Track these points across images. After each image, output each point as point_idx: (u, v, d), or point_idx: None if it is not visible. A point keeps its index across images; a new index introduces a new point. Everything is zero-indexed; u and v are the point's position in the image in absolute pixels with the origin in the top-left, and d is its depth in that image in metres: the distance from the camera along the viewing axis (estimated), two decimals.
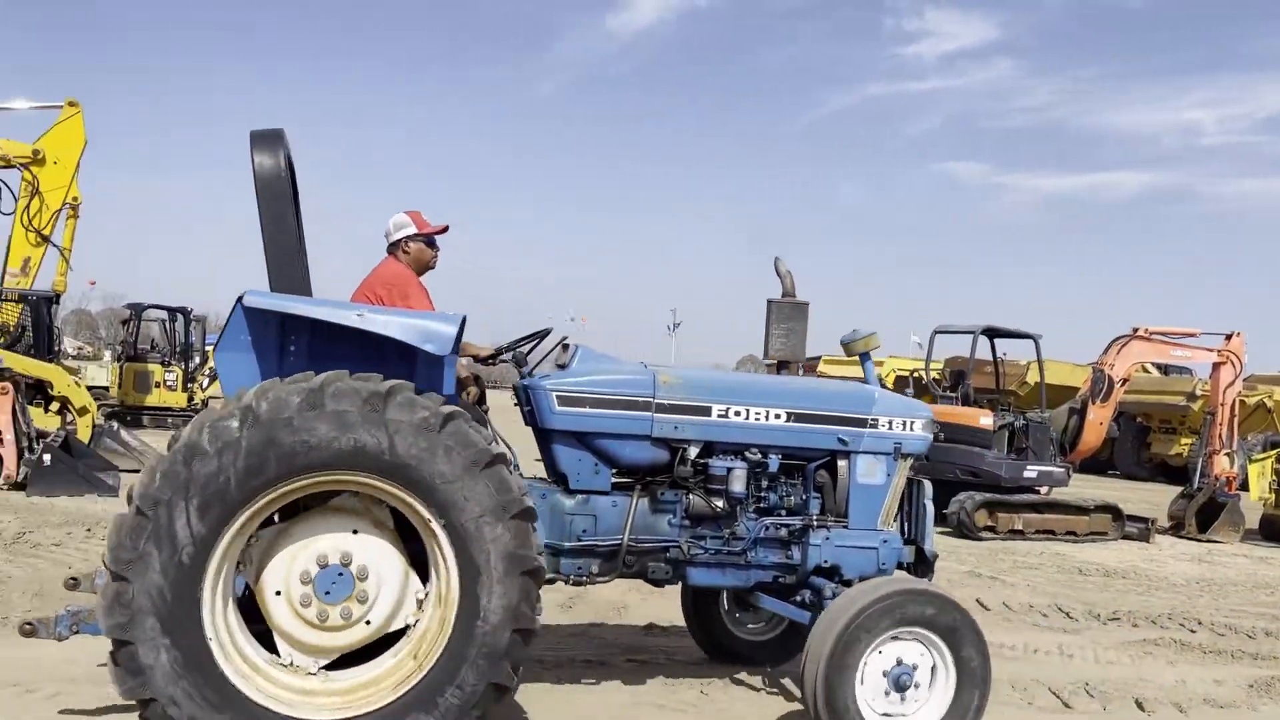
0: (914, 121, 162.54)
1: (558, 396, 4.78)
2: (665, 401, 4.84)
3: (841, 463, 5.03)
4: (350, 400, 3.73)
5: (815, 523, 4.95)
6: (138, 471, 12.50)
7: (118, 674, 3.57)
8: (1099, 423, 13.23)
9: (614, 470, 4.93)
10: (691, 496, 4.87)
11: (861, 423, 4.99)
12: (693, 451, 4.87)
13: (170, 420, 19.25)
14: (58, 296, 13.88)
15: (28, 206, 13.29)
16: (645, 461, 4.90)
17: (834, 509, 5.05)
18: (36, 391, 12.49)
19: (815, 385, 5.53)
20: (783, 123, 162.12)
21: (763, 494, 5.00)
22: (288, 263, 4.21)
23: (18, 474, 10.61)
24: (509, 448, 4.84)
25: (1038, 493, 12.54)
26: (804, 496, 5.06)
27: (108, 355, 38.67)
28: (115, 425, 13.75)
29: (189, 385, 19.82)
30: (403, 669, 3.91)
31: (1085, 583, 9.47)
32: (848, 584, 4.78)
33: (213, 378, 21.04)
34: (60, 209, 13.71)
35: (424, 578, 4.01)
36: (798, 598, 4.93)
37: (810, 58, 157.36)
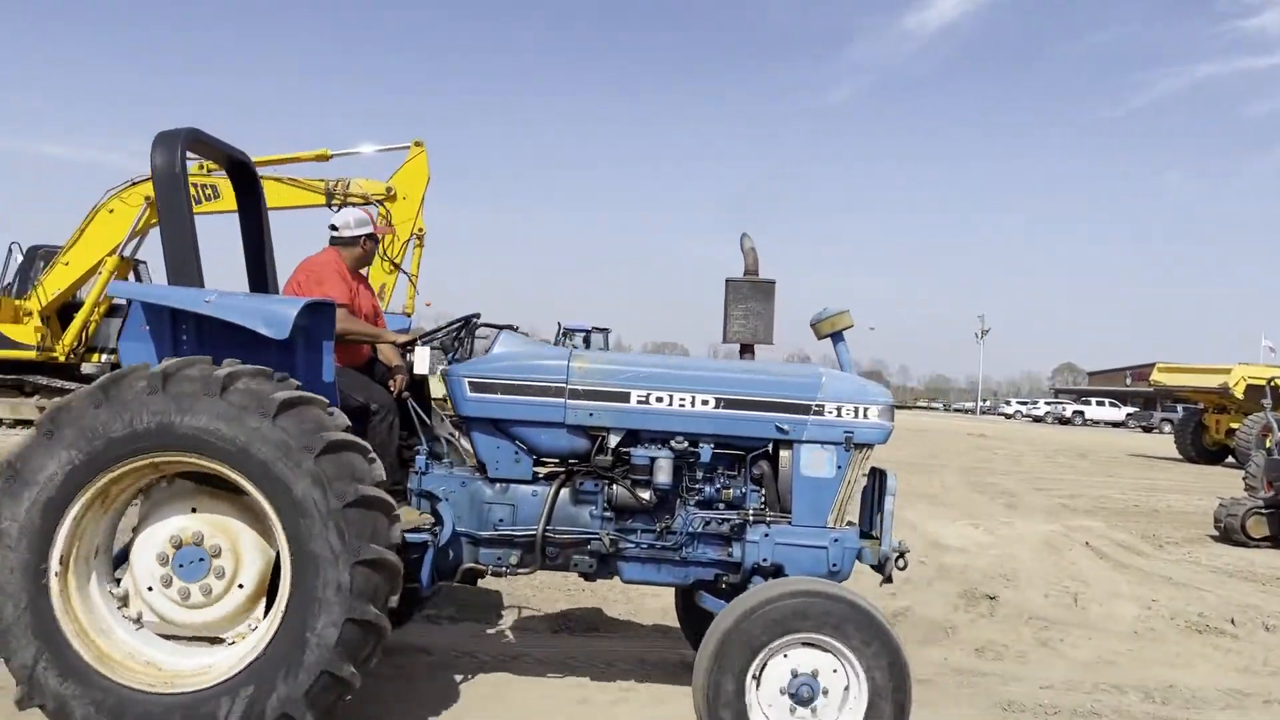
0: (1254, 102, 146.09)
1: (470, 383, 4.69)
2: (579, 387, 4.64)
3: (784, 453, 4.63)
4: (193, 385, 3.85)
5: (752, 518, 4.59)
6: None
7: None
8: None
9: (535, 459, 4.75)
10: (615, 487, 4.65)
11: (804, 409, 4.58)
12: (613, 440, 4.65)
13: None
14: (410, 319, 15.34)
15: (382, 239, 14.76)
16: (562, 449, 4.73)
17: (777, 504, 4.66)
18: None
19: (752, 369, 4.96)
20: (1101, 109, 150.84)
21: (697, 486, 4.68)
22: (182, 256, 4.33)
23: None
24: (449, 438, 4.86)
25: None
26: (743, 490, 4.68)
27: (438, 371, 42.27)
28: None
29: None
30: (246, 646, 3.99)
31: None
32: None
33: None
34: (409, 239, 15.14)
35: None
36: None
37: (1131, 40, 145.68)
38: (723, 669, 3.98)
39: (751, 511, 4.62)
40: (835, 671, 4.00)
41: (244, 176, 5.41)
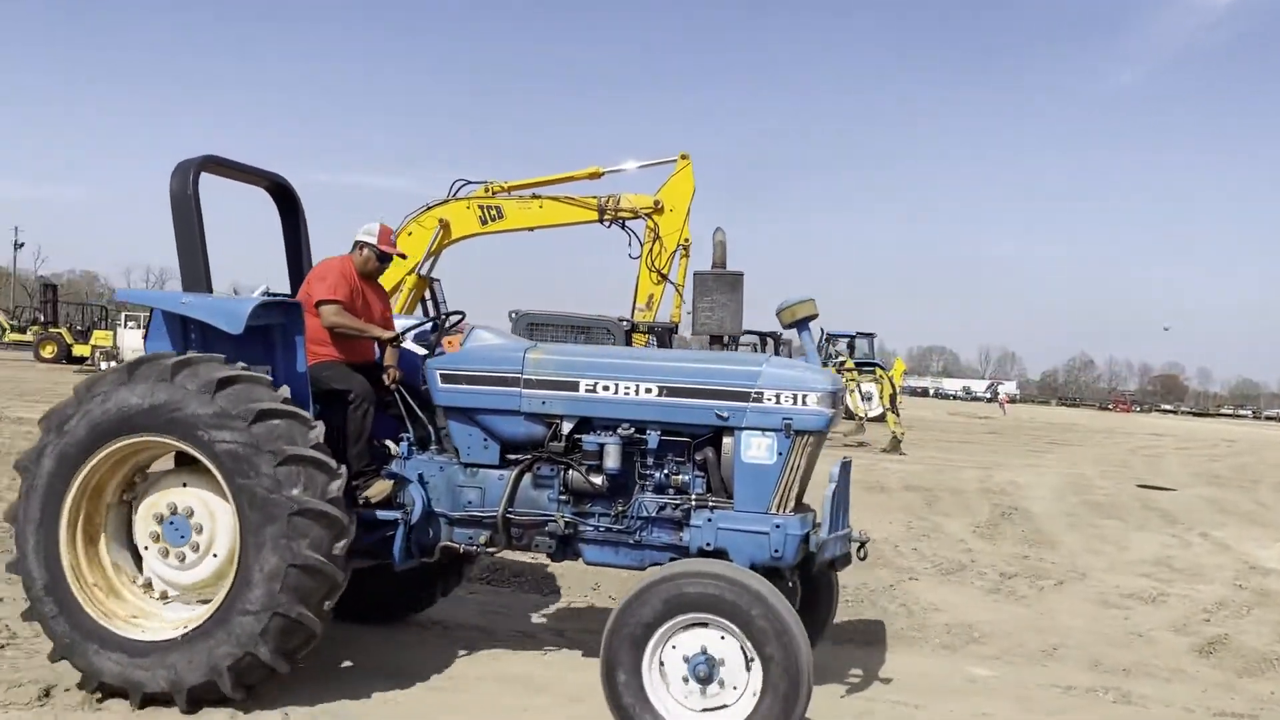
0: None
1: (440, 375, 5.07)
2: (533, 377, 4.90)
3: (727, 440, 4.68)
4: (154, 372, 4.49)
5: (695, 503, 4.68)
6: None
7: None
8: None
9: (502, 445, 5.01)
10: (570, 473, 4.85)
11: (743, 397, 4.63)
12: (566, 427, 4.88)
13: None
14: (675, 327, 15.68)
15: (650, 250, 15.20)
16: (520, 436, 4.99)
17: (722, 489, 4.72)
18: None
19: (693, 358, 5.14)
20: None
21: (648, 472, 4.81)
22: (192, 265, 4.98)
23: None
24: (431, 426, 5.16)
25: None
26: (690, 476, 4.77)
27: None
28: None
29: None
30: (216, 598, 4.48)
31: None
32: None
33: None
34: (675, 250, 15.48)
35: None
36: None
37: None
38: (617, 648, 4.17)
39: (694, 497, 4.70)
40: (727, 646, 4.10)
41: (283, 196, 5.98)
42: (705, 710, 4.12)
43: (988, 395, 78.77)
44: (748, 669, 4.06)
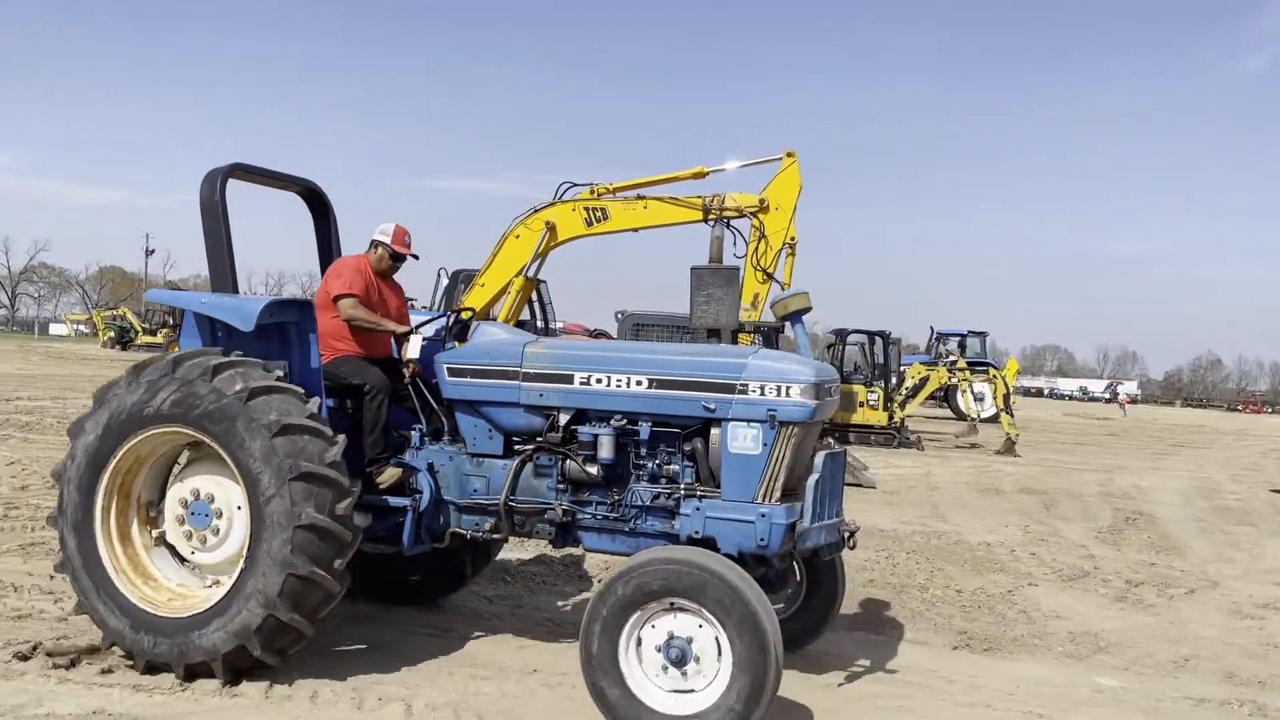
0: None
1: (448, 369, 5.29)
2: (530, 370, 5.10)
3: (715, 431, 4.79)
4: (192, 372, 4.80)
5: (685, 492, 4.81)
6: (856, 485, 13.44)
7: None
8: None
9: (506, 436, 5.21)
10: (568, 462, 5.01)
11: (729, 389, 4.73)
12: (563, 418, 5.05)
13: (872, 438, 20.37)
14: (782, 327, 15.54)
15: (756, 249, 15.11)
16: (521, 427, 5.19)
17: (711, 479, 4.84)
18: None
19: (682, 351, 5.29)
20: None
21: (641, 462, 4.96)
22: (220, 268, 5.33)
23: None
24: (443, 417, 5.36)
25: None
26: (680, 466, 4.89)
27: None
28: (832, 441, 14.96)
29: (889, 404, 20.87)
30: (221, 587, 4.82)
31: None
32: (726, 556, 4.57)
33: (909, 397, 21.90)
34: (780, 249, 15.35)
35: None
36: None
37: None
38: (598, 632, 4.33)
39: (684, 487, 4.82)
40: (701, 631, 4.23)
41: (314, 200, 6.24)
42: (677, 691, 4.27)
43: (1106, 395, 75.85)
44: (719, 652, 4.20)
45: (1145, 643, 6.59)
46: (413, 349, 5.40)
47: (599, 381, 4.97)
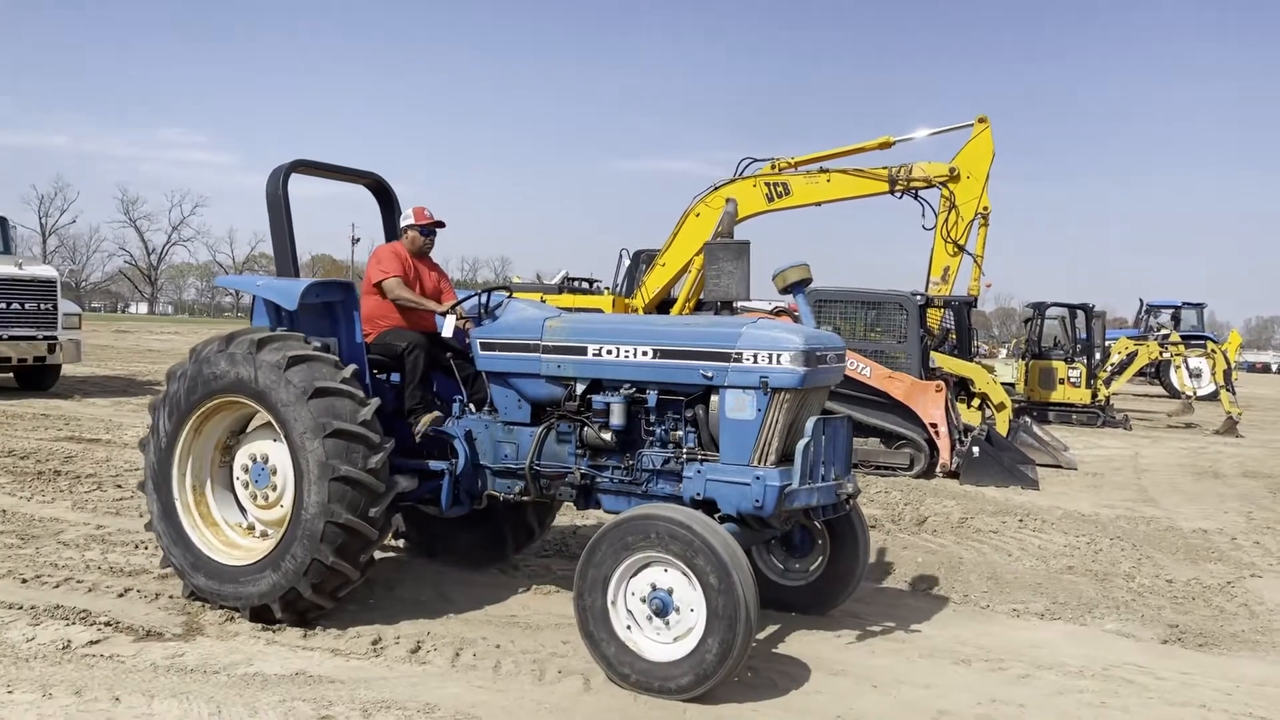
0: None
1: (480, 343, 5.68)
2: (550, 343, 5.44)
3: (714, 398, 5.06)
4: (240, 346, 5.31)
5: (687, 456, 5.11)
6: (1055, 466, 12.76)
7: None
8: None
9: (530, 405, 5.58)
10: (585, 429, 5.37)
11: (725, 357, 4.99)
12: (580, 388, 5.39)
13: (1074, 416, 19.22)
14: (975, 301, 14.87)
15: (945, 220, 14.49)
16: (544, 397, 5.54)
17: (712, 444, 5.11)
18: (960, 388, 13.53)
19: (682, 322, 5.69)
20: None
21: (650, 428, 5.27)
22: (283, 254, 5.87)
23: (951, 464, 11.59)
24: (471, 390, 5.83)
25: None
26: (684, 431, 5.18)
27: (1003, 353, 40.47)
28: (1029, 420, 14.25)
29: (1091, 381, 19.65)
30: (272, 539, 5.32)
31: None
32: (726, 519, 4.91)
33: (1115, 373, 20.59)
34: (973, 219, 14.67)
35: None
36: None
37: None
38: (586, 590, 4.65)
39: (687, 451, 5.12)
40: (681, 583, 4.48)
41: (379, 191, 6.70)
42: (662, 641, 4.57)
43: None
44: (696, 601, 4.45)
45: None
46: (446, 328, 5.74)
47: (609, 353, 5.30)
